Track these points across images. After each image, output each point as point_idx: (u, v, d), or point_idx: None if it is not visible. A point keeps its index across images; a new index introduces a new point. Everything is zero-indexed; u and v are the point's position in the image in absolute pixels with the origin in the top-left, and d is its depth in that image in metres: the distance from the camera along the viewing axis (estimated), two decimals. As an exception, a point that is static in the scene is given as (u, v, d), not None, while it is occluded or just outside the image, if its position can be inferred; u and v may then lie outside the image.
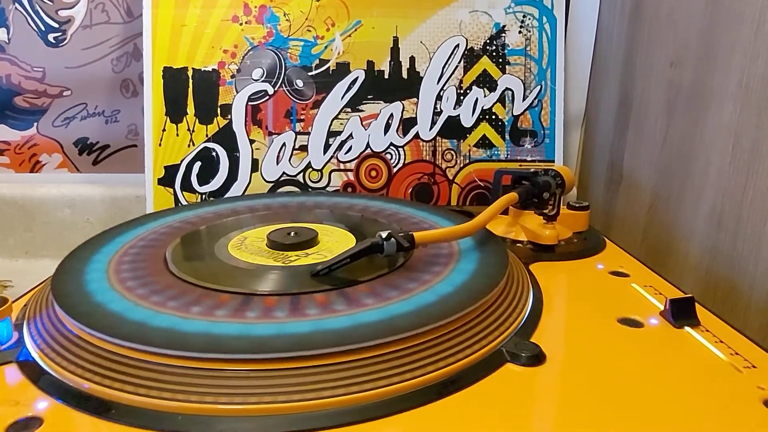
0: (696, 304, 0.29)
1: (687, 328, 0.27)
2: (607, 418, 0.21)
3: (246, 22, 0.52)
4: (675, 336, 0.27)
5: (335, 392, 0.21)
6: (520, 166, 0.53)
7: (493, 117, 0.53)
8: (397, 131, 0.53)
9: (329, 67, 0.52)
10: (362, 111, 0.53)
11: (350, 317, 0.25)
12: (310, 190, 0.53)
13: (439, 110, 0.53)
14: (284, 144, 0.52)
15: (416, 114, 0.53)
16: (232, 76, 0.52)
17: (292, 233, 0.34)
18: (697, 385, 0.23)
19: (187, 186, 0.52)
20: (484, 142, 0.53)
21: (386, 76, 0.53)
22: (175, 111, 0.51)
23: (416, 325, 0.24)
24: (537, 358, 0.24)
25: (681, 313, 0.28)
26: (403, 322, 0.24)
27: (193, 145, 0.52)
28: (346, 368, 0.22)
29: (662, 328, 0.28)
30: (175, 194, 0.52)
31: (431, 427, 0.20)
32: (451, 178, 0.54)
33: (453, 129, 0.53)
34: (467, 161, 0.53)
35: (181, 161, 0.51)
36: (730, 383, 0.23)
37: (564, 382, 0.23)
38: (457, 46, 0.53)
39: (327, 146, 0.53)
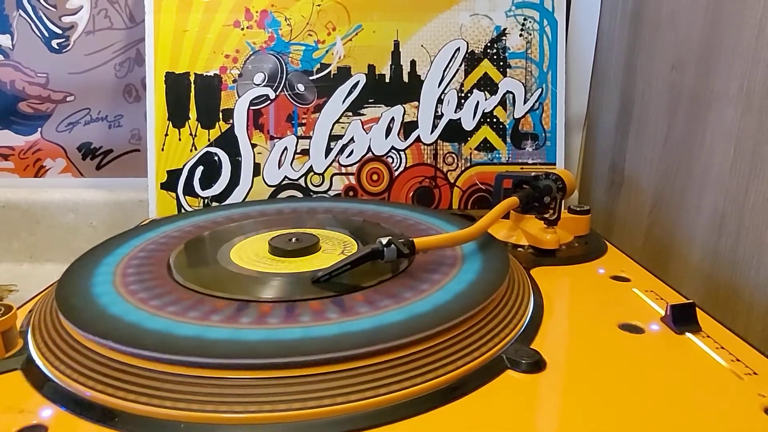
0: (697, 309, 0.29)
1: (688, 334, 0.27)
2: (607, 425, 0.21)
3: (247, 27, 0.52)
4: (676, 342, 0.27)
5: (335, 400, 0.21)
6: (522, 169, 0.54)
7: (494, 120, 0.53)
8: (398, 135, 0.53)
9: (330, 71, 0.52)
10: (363, 115, 0.53)
11: (351, 324, 0.25)
12: (311, 194, 0.53)
13: (440, 114, 0.53)
14: (286, 148, 0.52)
15: (417, 117, 0.53)
16: (234, 81, 0.52)
17: (294, 239, 0.34)
18: (697, 392, 0.23)
19: (189, 190, 0.52)
20: (486, 146, 0.54)
21: (387, 80, 0.53)
22: (177, 116, 0.52)
23: (416, 331, 0.24)
24: (537, 365, 0.24)
25: (682, 318, 0.28)
26: (402, 328, 0.24)
27: (196, 149, 0.52)
28: (347, 376, 0.22)
29: (663, 334, 0.28)
30: (177, 198, 0.52)
31: (431, 434, 0.21)
32: (452, 181, 0.54)
33: (454, 132, 0.53)
34: (468, 164, 0.54)
35: (184, 165, 0.52)
36: (730, 390, 0.23)
37: (564, 389, 0.23)
38: (458, 49, 0.53)
39: (328, 150, 0.53)
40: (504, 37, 0.53)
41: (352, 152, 0.53)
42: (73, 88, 0.58)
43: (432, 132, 0.53)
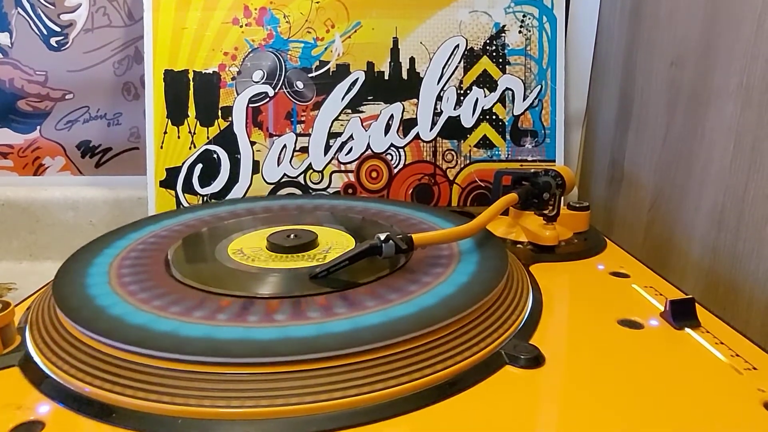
0: (696, 304, 0.28)
1: (687, 330, 0.27)
2: (606, 420, 0.21)
3: (246, 25, 0.52)
4: (675, 337, 0.27)
5: (333, 395, 0.21)
6: (521, 166, 0.53)
7: (494, 117, 0.53)
8: (397, 132, 0.53)
9: (329, 68, 0.52)
10: (362, 112, 0.53)
11: (349, 321, 0.25)
12: (310, 191, 0.53)
13: (439, 111, 0.53)
14: (285, 146, 0.52)
15: (416, 115, 0.53)
16: (233, 79, 0.52)
17: (292, 235, 0.34)
18: (696, 387, 0.23)
19: (188, 188, 0.52)
20: (485, 143, 0.53)
21: (386, 77, 0.53)
22: (176, 113, 0.52)
23: (415, 327, 0.24)
24: (536, 360, 0.24)
25: (681, 314, 0.28)
26: (402, 325, 0.24)
27: (195, 147, 0.52)
28: (345, 371, 0.22)
29: (662, 330, 0.28)
30: (176, 196, 0.52)
31: (431, 430, 0.21)
32: (451, 178, 0.54)
33: (453, 129, 0.53)
34: (468, 162, 0.53)
35: (183, 163, 0.52)
36: (730, 385, 0.23)
37: (563, 384, 0.23)
38: (457, 46, 0.53)
39: (327, 147, 0.53)
40: (503, 34, 0.53)
41: (351, 149, 0.53)
42: (71, 86, 0.58)
43: (431, 129, 0.53)
